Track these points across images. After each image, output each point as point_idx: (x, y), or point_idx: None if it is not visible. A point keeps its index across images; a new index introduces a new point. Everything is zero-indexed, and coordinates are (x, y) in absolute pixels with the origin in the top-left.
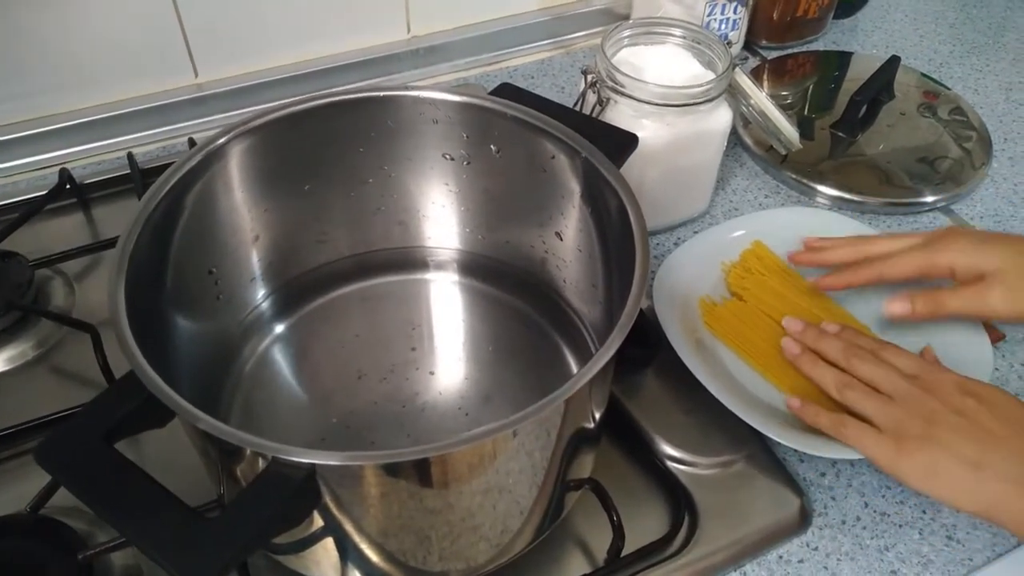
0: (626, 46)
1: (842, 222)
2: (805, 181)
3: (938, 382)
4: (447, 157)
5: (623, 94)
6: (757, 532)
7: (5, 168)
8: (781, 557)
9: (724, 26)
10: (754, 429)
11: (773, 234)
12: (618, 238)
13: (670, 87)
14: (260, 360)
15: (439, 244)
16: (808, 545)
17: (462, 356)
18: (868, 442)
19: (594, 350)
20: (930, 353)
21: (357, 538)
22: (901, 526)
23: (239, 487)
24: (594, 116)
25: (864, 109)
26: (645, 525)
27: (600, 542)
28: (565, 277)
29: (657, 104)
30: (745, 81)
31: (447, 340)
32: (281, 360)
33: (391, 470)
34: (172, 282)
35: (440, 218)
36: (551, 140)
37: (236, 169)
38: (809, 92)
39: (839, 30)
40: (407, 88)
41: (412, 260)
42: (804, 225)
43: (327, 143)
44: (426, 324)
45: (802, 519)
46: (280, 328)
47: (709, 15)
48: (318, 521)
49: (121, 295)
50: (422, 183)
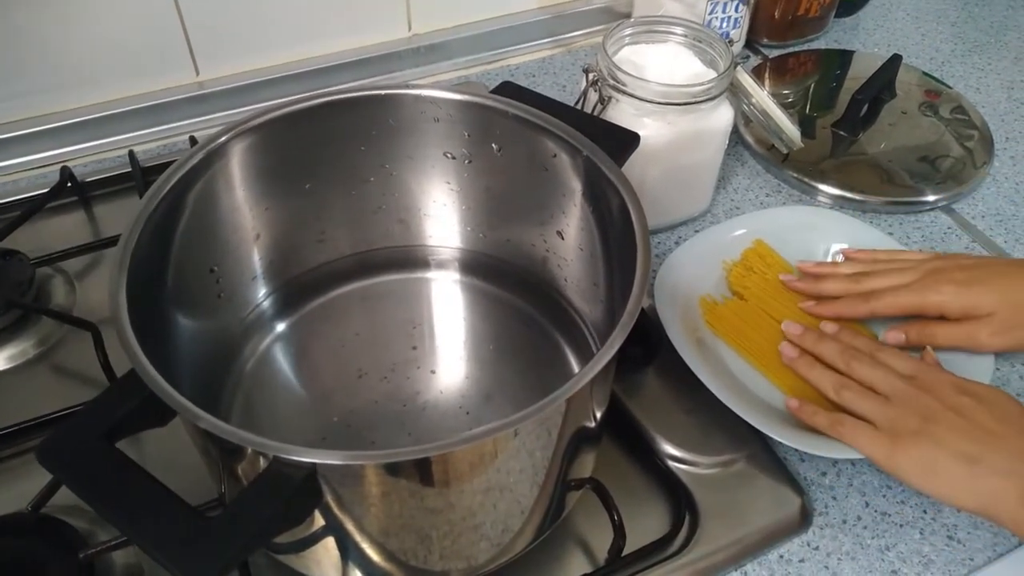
0: (627, 44)
1: (843, 221)
2: (806, 180)
3: (935, 382)
4: (448, 155)
5: (624, 93)
6: (758, 531)
7: (6, 166)
8: (782, 557)
9: (725, 24)
10: (755, 428)
11: (774, 233)
12: (619, 237)
13: (671, 86)
14: (261, 359)
15: (440, 243)
16: (809, 545)
17: (463, 355)
18: (864, 439)
19: (595, 349)
20: (930, 355)
21: (358, 537)
22: (902, 526)
23: (240, 486)
24: (595, 115)
25: (865, 108)
26: (646, 524)
27: (601, 541)
28: (566, 276)
29: (658, 103)
30: (747, 80)
31: (448, 339)
32: (282, 359)
33: (392, 469)
34: (173, 280)
35: (441, 217)
36: (552, 139)
37: (237, 167)
38: (810, 91)
39: (840, 28)
40: (408, 87)
41: (413, 259)
42: (805, 224)
43: (328, 141)
44: (427, 323)
45: (803, 519)
46: (281, 327)
47: (710, 13)
48: (319, 520)
49: (122, 293)
50: (423, 181)
